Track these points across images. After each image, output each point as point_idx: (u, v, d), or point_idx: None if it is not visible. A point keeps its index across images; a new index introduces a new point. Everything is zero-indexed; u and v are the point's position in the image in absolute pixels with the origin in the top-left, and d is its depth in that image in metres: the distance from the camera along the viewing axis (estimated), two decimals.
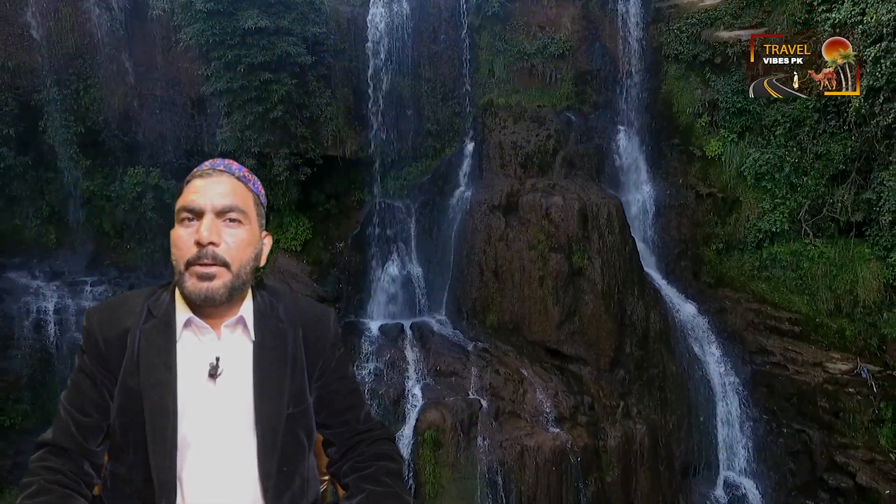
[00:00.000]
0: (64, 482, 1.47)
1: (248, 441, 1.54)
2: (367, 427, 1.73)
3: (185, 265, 1.50)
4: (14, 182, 10.28)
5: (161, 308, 1.57)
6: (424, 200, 11.02)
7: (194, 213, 1.51)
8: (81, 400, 1.53)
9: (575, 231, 9.60)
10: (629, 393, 9.44)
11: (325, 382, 1.69)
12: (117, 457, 1.55)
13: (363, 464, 1.65)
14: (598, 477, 8.80)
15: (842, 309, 9.10)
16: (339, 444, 1.71)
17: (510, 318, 9.95)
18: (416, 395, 9.15)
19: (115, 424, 1.53)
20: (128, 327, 1.54)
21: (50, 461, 1.49)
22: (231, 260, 1.51)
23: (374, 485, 1.59)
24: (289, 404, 1.58)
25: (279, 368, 1.59)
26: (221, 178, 1.56)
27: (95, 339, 1.54)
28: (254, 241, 1.58)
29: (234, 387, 1.55)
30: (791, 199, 9.63)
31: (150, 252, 11.03)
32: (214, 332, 1.57)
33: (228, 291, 1.52)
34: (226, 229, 1.52)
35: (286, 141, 10.12)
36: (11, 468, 9.29)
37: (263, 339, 1.59)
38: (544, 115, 10.83)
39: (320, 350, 1.67)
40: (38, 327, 9.51)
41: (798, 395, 9.19)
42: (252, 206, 1.59)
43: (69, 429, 1.51)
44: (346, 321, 10.48)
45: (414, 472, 8.62)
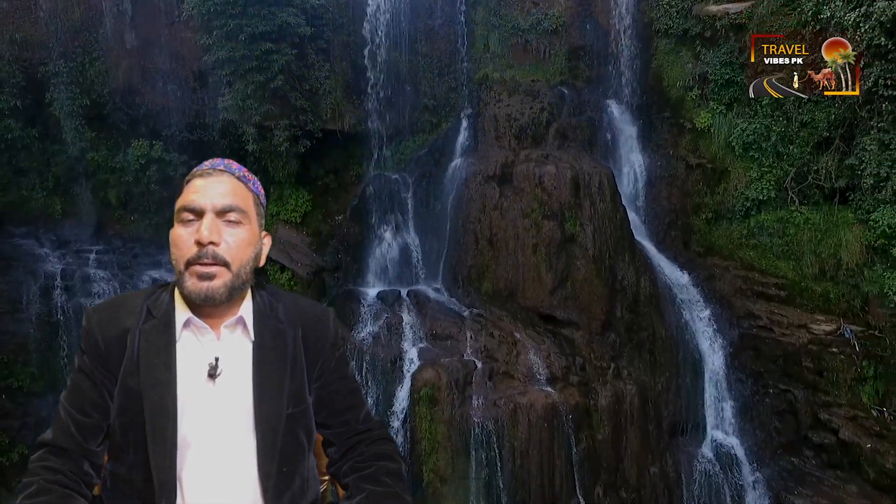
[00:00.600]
0: (64, 482, 1.47)
1: (247, 441, 1.55)
2: (367, 427, 1.74)
3: (185, 265, 1.50)
4: (21, 153, 10.57)
5: (160, 308, 1.58)
6: (421, 173, 11.28)
7: (194, 213, 1.52)
8: (81, 400, 1.53)
9: (567, 199, 9.86)
10: (620, 355, 9.70)
11: (325, 382, 1.70)
12: (117, 457, 1.56)
13: (363, 464, 1.66)
14: (589, 434, 9.07)
15: (826, 272, 9.36)
16: (339, 444, 1.72)
17: (504, 285, 10.20)
18: (412, 357, 9.41)
19: (114, 424, 1.54)
20: (127, 327, 1.55)
21: (50, 461, 1.50)
22: (231, 259, 1.52)
23: (374, 485, 1.60)
24: (288, 404, 1.59)
25: (279, 369, 1.60)
26: (222, 178, 1.56)
27: (95, 340, 1.54)
28: (254, 240, 1.59)
29: (233, 387, 1.55)
30: (777, 168, 9.89)
31: (155, 224, 11.31)
32: (214, 332, 1.58)
33: (228, 291, 1.52)
34: (226, 229, 1.52)
35: (286, 112, 10.39)
36: (20, 428, 9.59)
37: (263, 340, 1.60)
38: (538, 88, 11.10)
39: (320, 350, 1.68)
40: (45, 292, 9.79)
41: (783, 356, 9.46)
42: (252, 206, 1.60)
43: (69, 429, 1.52)
44: (345, 289, 10.76)
45: (410, 429, 8.89)
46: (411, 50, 11.22)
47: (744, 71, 10.04)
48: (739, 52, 10.19)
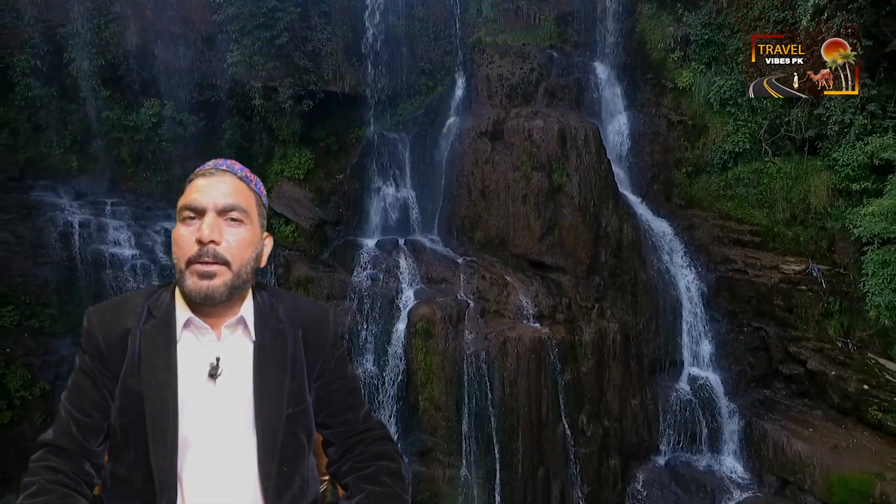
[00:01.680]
0: (65, 482, 1.48)
1: (248, 441, 1.55)
2: (367, 427, 1.74)
3: (185, 263, 1.51)
4: (40, 112, 11.19)
5: (161, 308, 1.58)
6: (418, 132, 11.91)
7: (196, 212, 1.53)
8: (82, 400, 1.54)
9: (555, 150, 10.49)
10: (604, 297, 10.34)
11: (325, 382, 1.70)
12: (117, 457, 1.56)
13: (362, 464, 1.66)
14: (573, 367, 9.70)
15: (796, 217, 9.99)
16: (339, 443, 1.73)
17: (496, 234, 10.83)
18: (409, 296, 10.04)
19: (115, 424, 1.54)
20: (128, 328, 1.55)
21: (51, 461, 1.51)
22: (232, 259, 1.52)
23: (374, 485, 1.60)
24: (289, 404, 1.59)
25: (279, 369, 1.60)
26: (224, 178, 1.57)
27: (96, 340, 1.55)
28: (255, 240, 1.59)
29: (234, 387, 1.56)
30: (752, 121, 10.51)
31: (166, 181, 11.93)
32: (214, 332, 1.58)
33: (228, 290, 1.53)
34: (227, 228, 1.53)
35: (290, 72, 11.02)
36: (41, 365, 10.21)
37: (264, 340, 1.60)
38: (528, 51, 11.72)
39: (320, 350, 1.69)
40: (64, 238, 10.40)
41: (756, 296, 10.09)
42: (254, 206, 1.60)
43: (70, 429, 1.52)
44: (346, 239, 11.40)
45: (407, 361, 9.52)
46: (408, 15, 11.84)
47: (721, 31, 10.66)
48: (717, 13, 10.80)
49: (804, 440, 8.72)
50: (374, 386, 9.60)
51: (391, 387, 9.54)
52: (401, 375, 9.53)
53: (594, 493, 9.44)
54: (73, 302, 10.43)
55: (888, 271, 7.67)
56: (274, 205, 11.59)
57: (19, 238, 10.32)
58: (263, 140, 12.01)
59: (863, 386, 8.82)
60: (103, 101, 11.31)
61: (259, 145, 12.03)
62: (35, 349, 10.25)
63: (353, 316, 9.92)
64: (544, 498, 9.30)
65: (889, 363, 8.69)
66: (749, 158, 10.63)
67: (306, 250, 11.31)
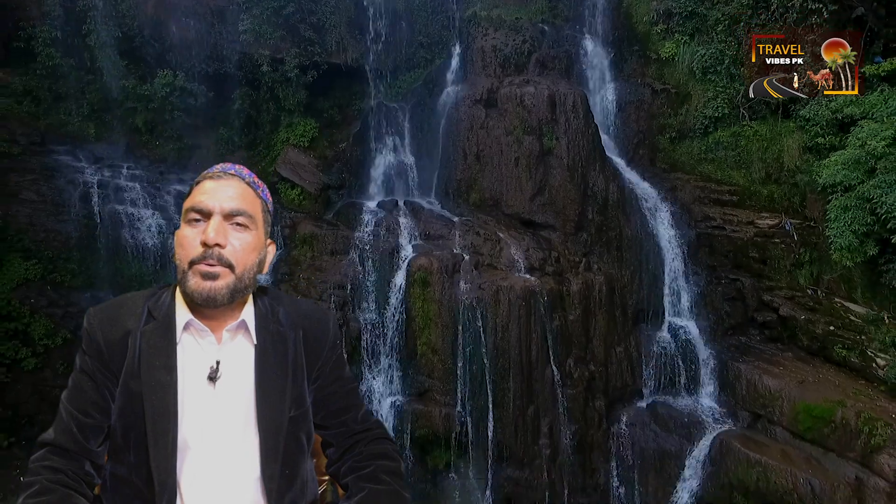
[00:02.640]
0: (66, 482, 1.49)
1: (247, 444, 1.56)
2: (365, 427, 1.75)
3: (188, 264, 1.52)
4: (59, 81, 11.87)
5: (161, 310, 1.58)
6: (417, 102, 12.59)
7: (202, 214, 1.54)
8: (82, 400, 1.55)
9: (545, 115, 11.15)
10: (590, 252, 11.01)
11: (323, 384, 1.71)
12: (117, 458, 1.56)
13: (361, 463, 1.67)
14: (562, 315, 10.37)
15: (771, 176, 10.66)
16: (337, 444, 1.74)
17: (490, 195, 11.50)
18: (408, 251, 10.72)
19: (115, 426, 1.55)
20: (129, 329, 1.55)
21: (52, 461, 1.51)
22: (236, 262, 1.53)
23: (374, 483, 1.61)
24: (291, 407, 1.60)
25: (281, 372, 1.61)
26: (231, 182, 1.58)
27: (96, 341, 1.55)
28: (259, 246, 1.60)
29: (234, 390, 1.57)
30: (730, 87, 11.18)
31: (178, 148, 12.62)
32: (214, 335, 1.58)
33: (230, 293, 1.53)
34: (233, 232, 1.54)
35: (296, 43, 11.70)
36: (62, 316, 10.87)
37: (265, 343, 1.61)
38: (521, 25, 12.39)
39: (319, 352, 1.70)
40: (84, 198, 11.06)
41: (733, 250, 10.76)
42: (260, 212, 1.61)
43: (70, 429, 1.53)
44: (349, 201, 12.07)
45: (406, 308, 10.19)
46: None
47: (703, 2, 11.32)
48: None
49: (774, 377, 9.39)
50: (376, 333, 10.28)
51: (391, 332, 10.21)
52: (400, 322, 10.20)
53: (581, 431, 10.12)
54: (93, 258, 11.10)
55: (848, 215, 8.33)
56: (280, 169, 12.26)
57: (42, 197, 10.99)
58: (270, 109, 12.67)
59: (829, 328, 9.50)
60: (120, 72, 11.98)
61: (266, 114, 12.70)
62: (57, 301, 10.92)
63: (354, 268, 10.60)
64: (534, 434, 9.98)
65: (853, 305, 9.37)
66: (728, 123, 11.30)
67: (311, 212, 11.98)
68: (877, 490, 7.85)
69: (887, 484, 7.79)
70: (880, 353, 8.70)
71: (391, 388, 10.17)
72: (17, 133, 11.31)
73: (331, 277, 10.62)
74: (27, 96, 11.76)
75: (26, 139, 11.48)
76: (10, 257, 10.51)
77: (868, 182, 8.06)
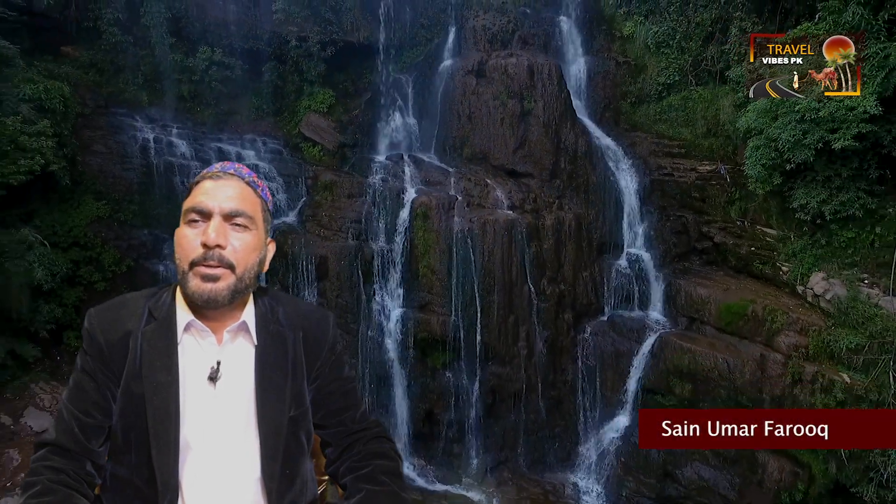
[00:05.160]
0: (67, 482, 1.50)
1: (248, 444, 1.58)
2: (363, 426, 1.77)
3: (189, 265, 1.52)
4: (119, 55, 14.15)
5: (161, 310, 1.59)
6: (418, 73, 14.86)
7: (202, 215, 1.53)
8: (84, 401, 1.55)
9: (525, 82, 13.41)
10: (562, 195, 13.29)
11: (322, 384, 1.73)
12: (118, 458, 1.57)
13: (360, 463, 1.69)
14: (537, 244, 12.65)
15: (710, 131, 12.92)
16: (336, 444, 1.76)
17: (480, 150, 13.77)
18: (411, 193, 13.00)
19: (116, 426, 1.56)
20: (129, 330, 1.56)
21: (53, 461, 1.52)
22: (236, 263, 1.54)
23: (372, 484, 1.62)
24: (290, 407, 1.62)
25: (281, 372, 1.63)
26: (231, 182, 1.58)
27: (97, 342, 1.56)
28: (259, 246, 1.60)
29: (234, 391, 1.58)
30: (680, 59, 13.44)
31: (215, 114, 14.89)
32: (215, 335, 1.60)
33: (231, 294, 1.54)
34: (233, 233, 1.54)
35: (318, 22, 13.98)
36: (126, 248, 13.14)
37: (265, 344, 1.63)
38: (506, 8, 14.65)
39: (319, 352, 1.71)
40: (143, 150, 13.36)
41: (680, 192, 13.03)
42: (259, 212, 1.61)
43: (72, 429, 1.54)
44: (361, 156, 14.36)
45: (410, 238, 12.47)
46: None
47: None
48: None
49: (706, 288, 11.68)
50: (386, 258, 12.57)
51: (398, 257, 12.50)
52: (405, 249, 12.49)
53: (552, 337, 12.42)
54: (150, 200, 13.39)
55: (759, 153, 10.55)
56: (304, 130, 14.55)
57: (109, 149, 13.29)
58: (294, 81, 14.94)
59: (751, 249, 11.79)
60: (168, 48, 14.26)
61: (291, 85, 14.97)
62: (122, 235, 13.22)
63: (368, 207, 12.89)
64: (514, 338, 12.28)
65: (769, 230, 11.64)
66: (678, 89, 13.56)
67: (330, 165, 14.27)
68: (775, 362, 10.14)
69: (782, 356, 10.09)
70: (785, 262, 10.98)
71: (398, 301, 12.47)
72: (86, 98, 13.60)
73: (348, 214, 12.92)
74: (93, 68, 14.05)
75: (94, 103, 13.78)
76: (85, 198, 12.81)
77: (772, 125, 10.30)
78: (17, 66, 11.40)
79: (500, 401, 12.29)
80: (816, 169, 10.08)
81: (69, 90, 12.54)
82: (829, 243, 10.40)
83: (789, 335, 10.13)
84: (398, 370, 12.20)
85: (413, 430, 12.11)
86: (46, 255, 11.17)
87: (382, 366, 12.16)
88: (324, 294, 12.37)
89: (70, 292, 12.07)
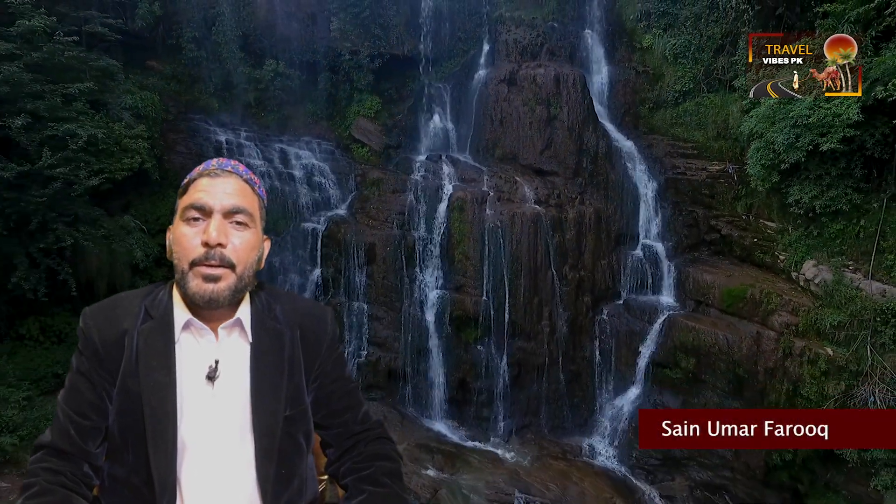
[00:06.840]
0: (65, 483, 1.49)
1: (246, 444, 1.57)
2: (365, 427, 1.76)
3: (189, 264, 1.51)
4: (195, 68, 16.27)
5: (158, 309, 1.58)
6: (456, 82, 16.57)
7: (201, 212, 1.52)
8: (79, 402, 1.54)
9: (552, 90, 14.97)
10: (584, 191, 14.79)
11: (322, 384, 1.72)
12: (116, 459, 1.56)
13: (361, 464, 1.68)
14: (560, 235, 14.20)
15: (720, 134, 14.25)
16: (337, 444, 1.74)
17: (510, 151, 15.38)
18: (448, 189, 14.70)
19: (113, 427, 1.54)
20: (125, 329, 1.55)
21: (50, 462, 1.52)
22: (237, 262, 1.53)
23: (374, 485, 1.62)
24: (286, 406, 1.60)
25: (276, 370, 1.61)
26: (229, 179, 1.57)
27: (93, 341, 1.55)
28: (258, 244, 1.60)
29: (231, 390, 1.57)
30: (695, 69, 14.79)
31: (278, 118, 16.88)
32: (212, 333, 1.59)
33: (232, 294, 1.54)
34: (233, 231, 1.53)
35: (368, 38, 15.82)
36: None
37: (260, 341, 1.61)
38: (536, 22, 16.24)
39: (318, 350, 1.70)
40: (217, 150, 15.38)
41: (691, 189, 14.38)
42: (257, 209, 1.61)
43: (68, 431, 1.53)
44: (404, 156, 16.14)
45: (447, 228, 14.16)
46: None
47: (675, 4, 14.95)
48: None
49: (712, 275, 13.03)
50: (426, 245, 14.29)
51: (437, 245, 14.21)
52: (443, 237, 14.19)
53: (572, 317, 13.94)
54: None
55: (759, 154, 11.88)
56: (354, 133, 16.42)
57: (189, 149, 15.37)
58: (346, 89, 16.82)
59: (754, 240, 13.09)
60: (238, 61, 16.31)
61: (343, 92, 16.86)
62: None
63: (410, 200, 14.64)
64: (538, 317, 13.85)
65: (769, 223, 12.93)
66: (692, 96, 14.92)
67: (377, 164, 16.09)
68: (769, 338, 11.47)
69: (775, 333, 11.41)
70: (783, 252, 12.28)
71: (437, 283, 14.18)
72: (169, 105, 15.74)
73: (393, 207, 14.69)
74: (174, 79, 16.19)
75: (175, 109, 15.92)
76: (170, 191, 14.88)
77: (771, 129, 11.63)
78: (120, 79, 13.54)
79: (524, 372, 13.87)
80: (809, 168, 11.38)
81: (157, 99, 14.67)
82: (821, 234, 11.67)
83: (782, 315, 11.45)
84: (435, 343, 13.91)
85: (448, 396, 13.80)
86: (142, 239, 13.26)
87: (422, 339, 13.89)
88: (371, 276, 14.17)
89: (158, 272, 14.15)
